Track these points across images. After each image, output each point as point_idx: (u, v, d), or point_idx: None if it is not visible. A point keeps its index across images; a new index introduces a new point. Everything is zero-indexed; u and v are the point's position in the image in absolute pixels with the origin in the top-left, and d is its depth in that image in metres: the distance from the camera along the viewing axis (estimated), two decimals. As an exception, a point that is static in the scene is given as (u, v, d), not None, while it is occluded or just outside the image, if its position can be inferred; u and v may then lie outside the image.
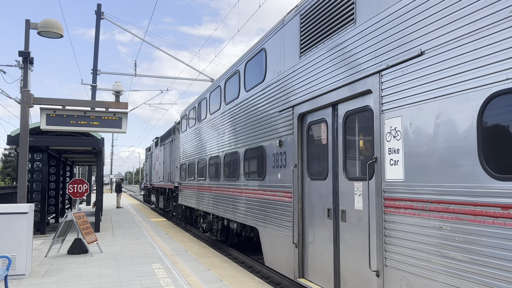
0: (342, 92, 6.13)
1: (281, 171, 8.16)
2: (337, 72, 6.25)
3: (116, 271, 9.37)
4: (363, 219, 5.67)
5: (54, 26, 10.26)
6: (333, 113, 6.55)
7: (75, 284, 8.25)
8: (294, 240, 7.44)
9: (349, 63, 5.97)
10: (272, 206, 8.51)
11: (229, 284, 8.14)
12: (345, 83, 6.02)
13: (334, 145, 6.48)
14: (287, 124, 7.95)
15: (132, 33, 26.36)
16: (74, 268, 9.70)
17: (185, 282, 8.21)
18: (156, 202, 29.07)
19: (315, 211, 7.00)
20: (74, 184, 14.73)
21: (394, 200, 4.94)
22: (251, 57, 10.12)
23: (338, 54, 6.27)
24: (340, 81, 6.17)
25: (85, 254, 11.49)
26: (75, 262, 10.47)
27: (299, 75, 7.50)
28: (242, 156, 10.50)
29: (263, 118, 9.15)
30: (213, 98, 13.71)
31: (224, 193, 11.97)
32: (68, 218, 11.52)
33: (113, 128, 11.24)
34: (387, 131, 5.10)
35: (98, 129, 11.31)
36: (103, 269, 9.59)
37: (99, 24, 25.87)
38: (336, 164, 6.40)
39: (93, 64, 25.97)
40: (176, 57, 26.92)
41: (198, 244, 13.56)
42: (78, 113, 10.86)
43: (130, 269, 9.55)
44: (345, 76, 6.05)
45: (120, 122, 11.25)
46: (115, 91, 11.43)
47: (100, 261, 10.49)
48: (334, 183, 6.44)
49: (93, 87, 26.15)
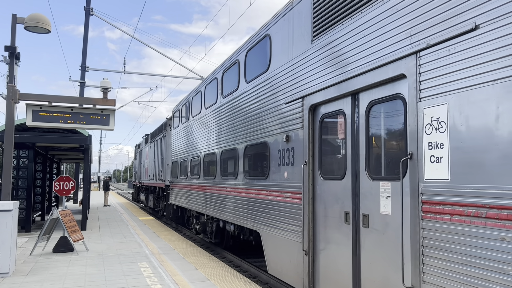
0: (365, 79, 5.32)
1: (288, 170, 7.35)
2: (360, 56, 5.45)
3: (102, 269, 9.22)
4: (392, 226, 4.87)
5: (41, 21, 10.04)
6: (353, 103, 5.74)
7: (60, 282, 8.06)
8: (304, 247, 6.63)
9: (375, 45, 5.16)
10: (277, 208, 7.69)
11: (217, 284, 8.01)
12: (369, 68, 5.21)
13: (354, 140, 5.67)
14: (295, 117, 7.13)
15: (121, 30, 26.19)
16: (59, 267, 9.50)
17: (171, 281, 8.08)
18: (146, 201, 28.07)
19: (329, 215, 6.19)
20: (61, 181, 14.67)
21: (436, 204, 4.14)
22: (253, 45, 9.28)
23: (361, 36, 5.46)
24: (363, 66, 5.36)
25: (71, 252, 11.28)
26: (61, 260, 10.27)
27: (311, 62, 6.68)
28: (242, 153, 9.66)
29: (267, 111, 8.32)
30: (209, 91, 12.85)
31: (221, 192, 11.12)
32: (54, 216, 11.33)
33: (100, 125, 11.10)
34: (427, 122, 4.30)
35: (85, 126, 11.09)
36: (88, 267, 9.43)
37: (88, 21, 25.58)
38: (357, 162, 5.60)
39: (81, 61, 25.88)
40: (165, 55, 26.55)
41: (185, 243, 13.31)
42: (65, 109, 10.73)
43: (116, 268, 9.38)
44: (369, 60, 5.24)
45: (107, 119, 11.11)
46: (103, 87, 11.23)
47: (86, 260, 10.31)
48: (354, 183, 5.64)
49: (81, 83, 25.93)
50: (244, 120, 9.62)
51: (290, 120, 7.31)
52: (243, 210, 9.45)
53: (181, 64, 26.43)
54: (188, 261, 10.19)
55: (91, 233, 15.16)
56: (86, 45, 25.67)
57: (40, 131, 14.93)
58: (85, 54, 25.59)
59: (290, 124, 7.31)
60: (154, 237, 14.41)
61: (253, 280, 9.68)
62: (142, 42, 26.48)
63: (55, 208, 11.85)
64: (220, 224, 12.00)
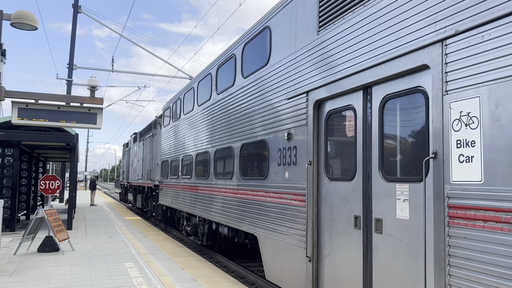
0: (380, 71, 4.88)
1: (290, 170, 6.88)
2: (374, 46, 5.00)
3: (88, 270, 9.11)
4: (410, 232, 4.43)
5: (28, 18, 9.85)
6: (364, 98, 5.29)
7: (44, 283, 7.94)
8: (308, 253, 6.16)
9: (392, 34, 4.72)
10: (277, 211, 7.22)
11: (203, 284, 7.96)
12: (384, 59, 4.77)
13: (366, 138, 5.23)
14: (298, 113, 6.67)
15: (110, 28, 26.00)
16: (44, 267, 9.36)
17: (158, 282, 8.02)
18: (134, 201, 27.38)
19: (336, 219, 5.73)
20: (46, 180, 14.51)
21: (466, 208, 3.70)
22: (251, 38, 8.80)
23: (375, 24, 5.01)
24: (377, 57, 4.92)
25: (56, 252, 11.14)
26: (46, 260, 10.12)
27: (317, 54, 6.22)
28: (238, 152, 9.17)
29: (266, 107, 7.85)
30: (202, 88, 12.33)
31: (214, 193, 10.61)
32: (39, 215, 11.19)
33: (87, 124, 11.00)
34: (455, 117, 3.86)
35: (72, 124, 10.95)
36: (74, 267, 9.32)
37: (76, 18, 25.01)
38: (368, 162, 5.15)
39: (69, 59, 25.29)
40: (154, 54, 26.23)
41: (173, 243, 13.17)
42: (52, 107, 10.60)
43: (102, 268, 9.30)
44: (385, 51, 4.80)
45: (95, 117, 11.04)
46: (90, 86, 11.15)
47: (71, 260, 10.20)
48: (365, 184, 5.19)
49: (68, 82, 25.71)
50: (240, 117, 9.13)
51: (293, 117, 6.84)
52: (238, 212, 8.97)
53: (170, 64, 26.16)
54: (175, 262, 10.09)
55: (77, 233, 15.00)
56: (73, 43, 25.16)
57: (26, 129, 14.68)
58: (72, 52, 25.06)
59: (292, 121, 6.84)
60: (141, 237, 14.28)
61: (240, 281, 9.59)
62: (130, 41, 25.89)
63: (40, 207, 11.72)
64: (212, 226, 11.49)
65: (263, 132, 7.92)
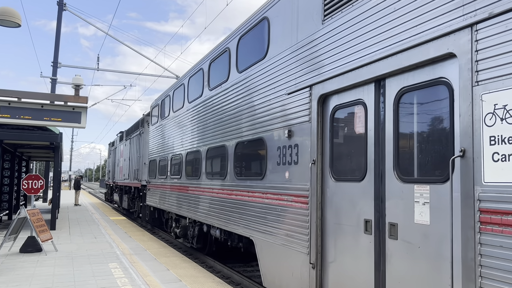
0: (395, 61, 4.45)
1: (290, 169, 6.43)
2: (388, 34, 4.57)
3: (71, 270, 8.99)
4: (431, 238, 4.01)
5: (11, 15, 9.82)
6: (377, 91, 4.86)
7: (26, 284, 7.81)
8: (312, 259, 5.71)
9: (411, 20, 4.30)
10: (276, 213, 6.76)
11: (188, 285, 7.90)
12: (401, 49, 4.34)
13: (378, 135, 4.80)
14: (300, 109, 6.22)
15: (95, 26, 25.88)
16: (26, 267, 9.22)
17: (142, 282, 7.93)
18: (120, 201, 26.65)
19: (343, 222, 5.30)
20: (29, 179, 14.33)
21: (502, 213, 3.29)
22: (247, 30, 8.33)
23: (390, 10, 4.59)
24: (393, 46, 4.49)
25: (39, 252, 11.00)
26: (28, 261, 9.97)
27: (322, 45, 5.78)
28: (232, 150, 8.69)
29: (264, 103, 7.38)
30: (193, 84, 11.81)
31: (206, 194, 10.11)
32: (21, 215, 11.07)
33: (71, 122, 10.96)
34: (488, 111, 3.45)
35: (56, 123, 10.92)
36: (57, 268, 9.18)
37: (61, 16, 24.54)
38: (381, 160, 4.72)
39: (53, 57, 24.91)
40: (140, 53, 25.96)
41: (158, 244, 13.01)
42: (35, 106, 10.51)
43: (86, 268, 9.19)
44: (402, 39, 4.37)
45: (79, 116, 10.98)
46: (75, 84, 11.13)
47: (54, 260, 10.05)
48: (377, 185, 4.76)
49: (53, 80, 25.34)
50: (234, 114, 8.65)
51: (294, 113, 6.39)
52: (232, 214, 8.49)
53: (156, 63, 25.94)
54: (160, 262, 10.01)
55: (60, 233, 14.77)
56: (58, 41, 24.66)
57: (8, 127, 14.27)
58: (57, 50, 24.59)
59: (294, 117, 6.39)
60: (125, 237, 14.08)
61: (226, 281, 9.46)
62: (116, 39, 25.48)
63: (23, 207, 11.55)
64: (203, 229, 10.99)
65: (261, 129, 7.46)
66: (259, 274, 10.97)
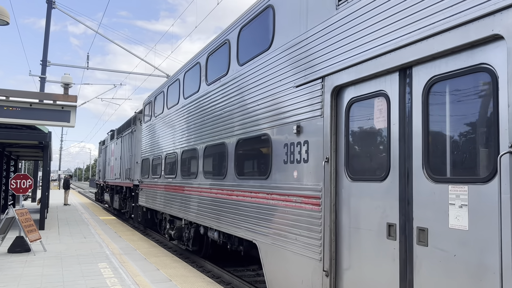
0: (426, 47, 3.98)
1: (299, 168, 5.93)
2: (418, 16, 4.09)
3: (60, 270, 8.91)
4: (471, 246, 3.53)
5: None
6: (402, 81, 4.39)
7: (14, 284, 7.74)
8: (325, 266, 5.22)
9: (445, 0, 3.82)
10: (282, 216, 6.26)
11: (178, 284, 7.86)
12: (434, 32, 3.87)
13: (404, 129, 4.32)
14: (311, 103, 5.73)
15: (85, 24, 26.00)
16: (14, 268, 9.13)
17: (132, 282, 7.88)
18: (110, 201, 25.97)
19: (361, 226, 4.82)
20: (17, 179, 14.26)
21: None
22: (249, 20, 7.82)
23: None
24: (424, 29, 4.01)
25: (27, 252, 10.89)
26: (16, 261, 9.88)
27: (336, 32, 5.29)
28: (232, 148, 8.18)
29: (268, 97, 6.88)
30: (189, 79, 11.28)
31: (204, 195, 9.58)
32: (9, 214, 10.97)
33: (61, 121, 10.82)
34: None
35: (44, 122, 10.81)
36: (46, 268, 9.10)
37: (50, 14, 24.32)
38: (407, 158, 4.24)
39: (42, 55, 25.03)
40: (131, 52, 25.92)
41: (148, 243, 12.93)
42: (23, 104, 10.38)
43: (75, 268, 9.10)
44: (435, 21, 3.89)
45: (68, 115, 10.84)
46: (64, 83, 10.94)
47: (43, 260, 9.96)
48: (403, 186, 4.28)
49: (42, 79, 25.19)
50: (235, 110, 8.14)
51: (303, 107, 5.89)
52: (233, 216, 7.97)
53: (146, 61, 25.70)
54: (150, 262, 9.94)
55: (49, 233, 14.61)
56: (47, 39, 24.38)
57: None
58: (46, 48, 24.31)
59: (303, 112, 5.89)
60: (115, 237, 13.95)
61: (216, 281, 9.42)
62: (106, 38, 25.11)
63: (11, 206, 11.50)
64: (200, 231, 10.46)
65: (265, 125, 6.96)
66: (250, 274, 10.57)
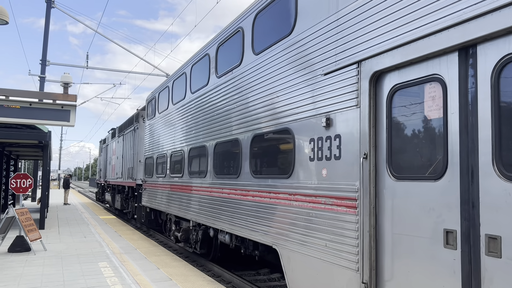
0: (497, 20, 3.32)
1: (329, 166, 5.28)
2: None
3: (60, 270, 8.87)
4: None
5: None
6: (463, 62, 3.73)
7: (14, 284, 7.72)
8: (364, 278, 4.57)
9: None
10: (309, 219, 5.61)
11: (179, 283, 7.82)
12: (508, 1, 3.22)
13: (466, 120, 3.66)
14: (343, 91, 5.07)
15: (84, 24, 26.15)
16: (14, 267, 9.12)
17: (133, 281, 7.86)
18: (112, 201, 25.31)
19: (410, 233, 4.16)
20: (17, 178, 14.15)
21: None
22: (266, 5, 7.16)
23: (487, -48, 3.45)
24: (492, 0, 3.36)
25: (28, 252, 10.88)
26: (16, 260, 9.87)
27: (376, 9, 4.64)
28: (247, 145, 7.52)
29: (289, 88, 6.23)
30: (197, 72, 10.62)
31: (214, 195, 8.93)
32: (9, 214, 10.95)
33: (60, 121, 10.82)
34: None
35: (44, 121, 10.82)
36: (46, 268, 9.08)
37: (50, 13, 23.93)
38: (471, 153, 3.59)
39: (42, 55, 23.92)
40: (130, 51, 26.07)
41: (148, 243, 12.87)
42: (23, 104, 10.38)
43: (75, 268, 9.09)
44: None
45: (68, 115, 10.84)
46: (63, 82, 10.95)
47: (43, 260, 9.93)
48: (465, 185, 3.63)
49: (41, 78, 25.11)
50: (250, 103, 7.48)
51: (334, 96, 5.23)
52: (248, 218, 7.32)
53: (146, 61, 25.48)
54: (150, 261, 9.91)
55: (49, 232, 14.56)
56: (47, 39, 23.97)
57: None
58: (45, 48, 23.91)
59: (334, 102, 5.23)
60: (115, 237, 13.89)
61: (216, 280, 9.31)
62: (106, 37, 24.89)
63: (11, 206, 11.48)
64: (210, 233, 9.81)
65: (286, 119, 6.30)
66: (250, 272, 9.97)
